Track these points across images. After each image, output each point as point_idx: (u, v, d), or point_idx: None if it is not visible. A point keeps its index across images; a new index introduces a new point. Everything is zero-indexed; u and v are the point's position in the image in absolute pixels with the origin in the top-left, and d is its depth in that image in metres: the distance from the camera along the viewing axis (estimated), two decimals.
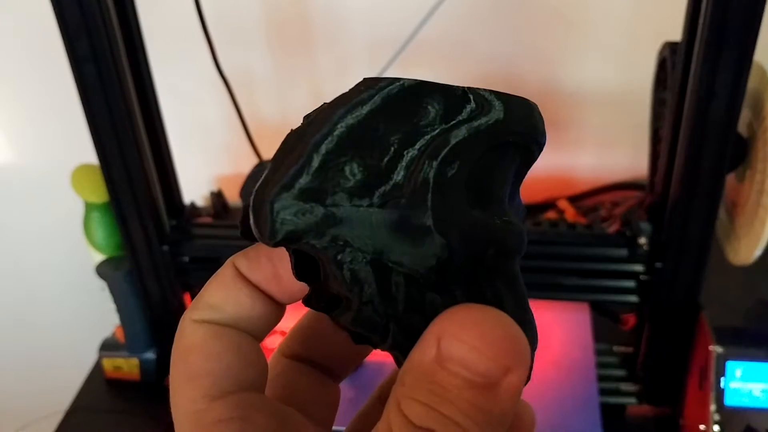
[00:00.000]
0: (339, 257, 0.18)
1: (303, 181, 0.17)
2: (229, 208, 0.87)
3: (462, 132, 0.18)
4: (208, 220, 0.73)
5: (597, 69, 0.84)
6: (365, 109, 0.18)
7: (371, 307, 0.18)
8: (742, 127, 0.59)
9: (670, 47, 0.62)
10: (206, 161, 0.94)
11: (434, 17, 0.76)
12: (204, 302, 0.20)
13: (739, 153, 0.59)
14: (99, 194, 0.67)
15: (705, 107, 0.51)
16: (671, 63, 0.61)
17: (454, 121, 0.18)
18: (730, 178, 0.62)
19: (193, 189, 0.80)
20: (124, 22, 0.57)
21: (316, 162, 0.18)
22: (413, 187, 0.18)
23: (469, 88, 0.19)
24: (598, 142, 0.89)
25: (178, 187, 0.68)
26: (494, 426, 0.16)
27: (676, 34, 0.57)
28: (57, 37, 0.54)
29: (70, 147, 0.74)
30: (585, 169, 0.89)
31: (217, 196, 0.87)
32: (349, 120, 0.18)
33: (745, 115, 0.59)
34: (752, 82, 0.57)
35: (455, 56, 0.85)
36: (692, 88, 0.51)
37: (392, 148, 0.18)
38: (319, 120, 0.18)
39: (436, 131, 0.18)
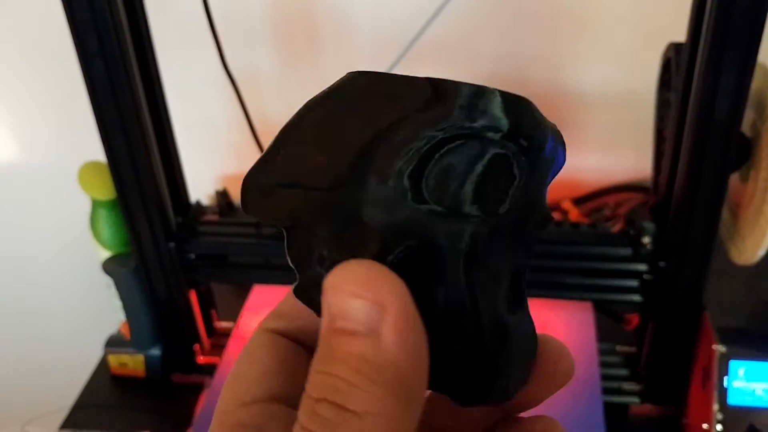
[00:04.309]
0: (291, 232, 0.19)
1: (271, 165, 0.19)
2: (234, 207, 0.87)
3: (416, 122, 0.18)
4: (214, 218, 0.73)
5: (601, 70, 0.85)
6: (334, 99, 0.19)
7: (313, 281, 0.19)
8: (745, 128, 0.60)
9: (674, 48, 0.63)
10: (212, 160, 0.95)
11: (440, 17, 0.77)
12: (276, 311, 0.21)
13: (742, 153, 0.59)
14: (106, 191, 0.67)
15: (709, 107, 0.51)
16: (675, 64, 0.61)
17: (414, 111, 0.18)
18: (734, 178, 0.63)
19: (199, 188, 0.80)
20: (133, 21, 0.58)
21: (282, 149, 0.19)
22: (360, 175, 0.18)
23: (438, 80, 0.19)
24: (602, 143, 0.89)
25: (185, 184, 0.69)
26: (388, 380, 0.16)
27: (680, 35, 0.58)
28: (64, 35, 0.54)
29: (77, 144, 0.74)
30: (589, 170, 0.89)
31: (223, 195, 0.87)
32: (318, 110, 0.19)
33: (748, 116, 0.60)
34: (756, 83, 0.58)
35: (460, 57, 0.86)
36: (696, 88, 0.52)
37: (352, 137, 0.19)
38: (298, 111, 0.19)
39: (402, 122, 0.18)
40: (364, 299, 0.16)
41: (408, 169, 0.18)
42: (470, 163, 0.18)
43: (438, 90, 0.18)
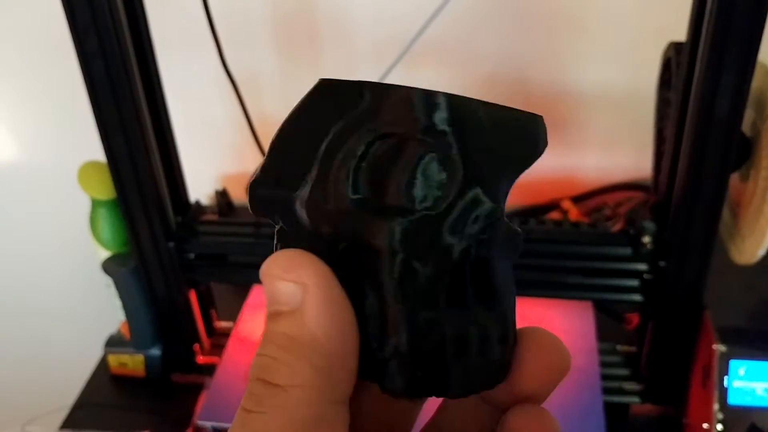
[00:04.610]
0: (278, 230, 0.21)
1: (265, 170, 0.21)
2: (234, 207, 0.87)
3: (351, 126, 0.20)
4: (213, 217, 0.73)
5: (601, 70, 0.85)
6: (303, 108, 0.20)
7: None
8: (745, 127, 0.60)
9: (674, 47, 0.63)
10: (211, 160, 0.95)
11: (440, 17, 0.77)
12: None
13: (743, 152, 0.59)
14: (105, 191, 0.67)
15: (709, 107, 0.51)
16: (676, 63, 0.61)
17: (353, 115, 0.20)
18: (734, 178, 0.63)
19: (198, 188, 0.80)
20: (133, 20, 0.57)
21: (270, 155, 0.21)
22: (308, 179, 0.20)
23: (373, 83, 0.20)
24: (602, 142, 0.89)
25: (185, 184, 0.69)
26: (309, 354, 0.18)
27: (680, 35, 0.58)
28: (64, 35, 0.54)
29: (76, 144, 0.74)
30: (589, 169, 0.89)
31: (222, 195, 0.87)
32: (293, 118, 0.20)
33: (748, 115, 0.60)
34: (756, 82, 0.58)
35: (460, 56, 0.86)
36: (696, 87, 0.52)
37: (309, 143, 0.20)
38: (283, 120, 0.21)
39: (340, 126, 0.20)
40: (287, 281, 0.18)
41: (342, 172, 0.19)
42: (398, 162, 0.19)
43: (373, 92, 0.20)
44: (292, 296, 0.18)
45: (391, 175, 0.19)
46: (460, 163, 0.19)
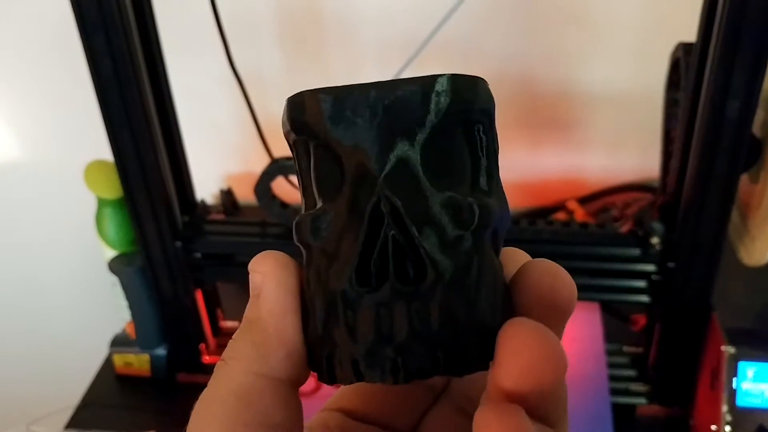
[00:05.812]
0: None
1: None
2: (238, 206, 0.87)
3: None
4: (219, 217, 0.73)
5: (609, 70, 0.84)
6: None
7: None
8: (756, 128, 0.59)
9: (683, 48, 0.62)
10: (216, 159, 0.95)
11: (447, 18, 0.76)
12: None
13: (752, 153, 0.59)
14: (112, 190, 0.67)
15: (719, 108, 0.51)
16: (685, 64, 0.61)
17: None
18: (744, 179, 0.62)
19: (203, 187, 0.80)
20: (141, 19, 0.57)
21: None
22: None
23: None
24: (609, 143, 0.89)
25: (191, 183, 0.68)
26: (252, 331, 0.20)
27: (687, 35, 0.57)
28: (71, 33, 0.54)
29: (83, 143, 0.74)
30: (595, 170, 0.89)
31: (227, 194, 0.87)
32: None
33: (759, 116, 0.59)
34: (767, 83, 0.57)
35: (467, 55, 0.86)
36: (707, 88, 0.52)
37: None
38: None
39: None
40: (255, 272, 0.20)
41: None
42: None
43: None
44: (257, 284, 0.20)
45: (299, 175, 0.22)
46: (313, 157, 0.21)
